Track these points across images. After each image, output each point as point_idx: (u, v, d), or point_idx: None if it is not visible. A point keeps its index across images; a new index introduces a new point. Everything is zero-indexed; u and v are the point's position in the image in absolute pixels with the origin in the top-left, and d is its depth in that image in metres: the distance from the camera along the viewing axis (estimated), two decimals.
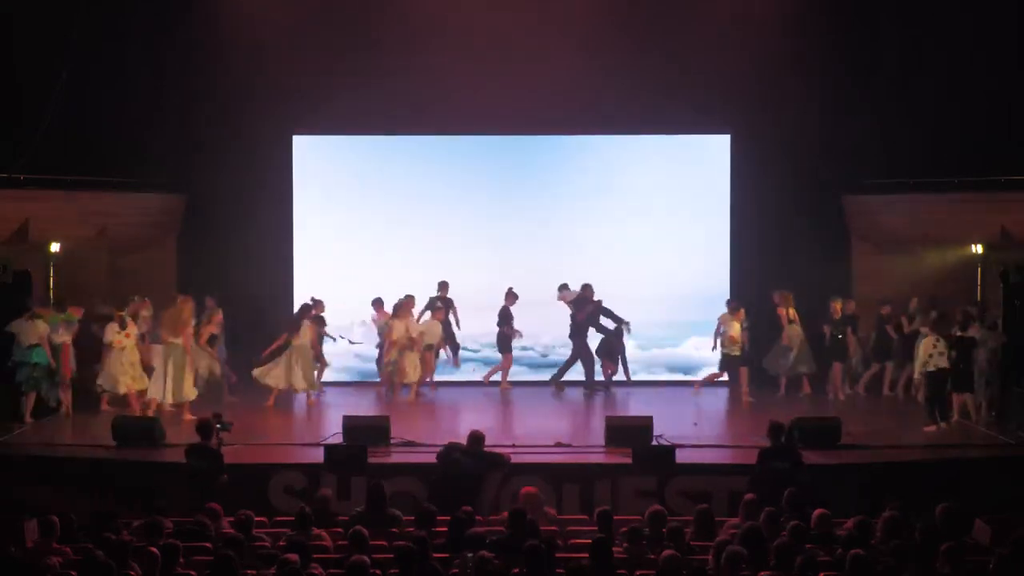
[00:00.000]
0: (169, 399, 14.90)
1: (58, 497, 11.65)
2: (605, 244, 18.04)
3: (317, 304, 16.49)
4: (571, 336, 17.19)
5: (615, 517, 9.80)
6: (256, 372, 15.92)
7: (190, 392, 15.01)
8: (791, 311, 16.62)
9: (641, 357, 17.74)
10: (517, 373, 17.59)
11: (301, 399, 16.36)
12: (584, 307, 16.96)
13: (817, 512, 9.58)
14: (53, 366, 14.90)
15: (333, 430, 13.51)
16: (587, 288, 17.04)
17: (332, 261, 18.21)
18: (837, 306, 16.46)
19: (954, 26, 16.89)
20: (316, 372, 16.42)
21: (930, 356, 14.29)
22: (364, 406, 16.09)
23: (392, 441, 13.16)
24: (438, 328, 16.77)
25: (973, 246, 16.95)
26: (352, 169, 18.46)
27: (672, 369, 17.94)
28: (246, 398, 16.50)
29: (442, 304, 16.93)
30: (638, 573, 8.71)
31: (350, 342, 17.37)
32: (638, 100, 17.67)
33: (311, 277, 18.16)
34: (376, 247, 18.20)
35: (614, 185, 18.16)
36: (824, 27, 17.46)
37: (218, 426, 11.75)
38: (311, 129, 18.26)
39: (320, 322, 16.42)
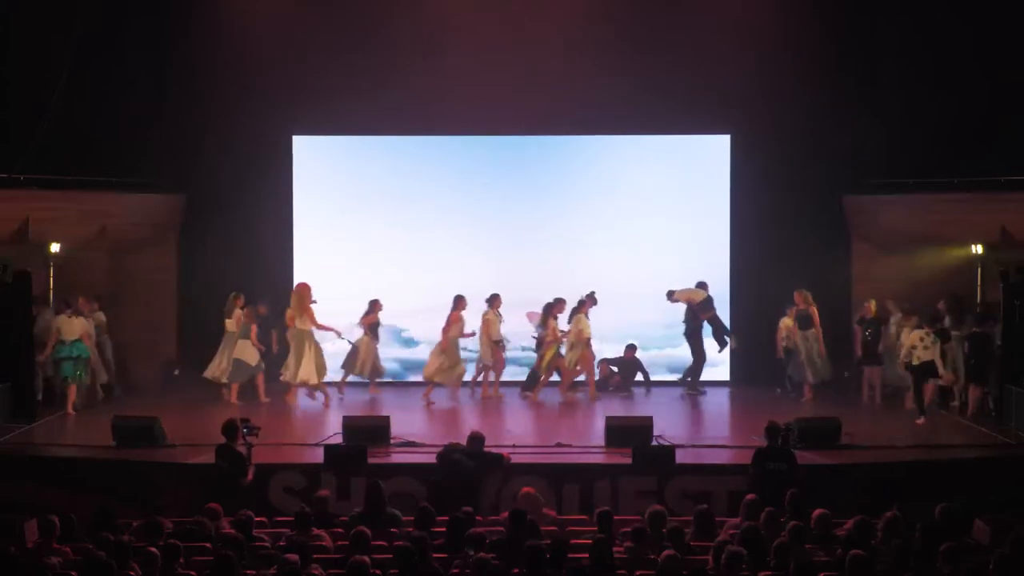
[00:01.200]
0: (295, 380, 15.98)
1: (58, 497, 11.64)
2: (605, 244, 18.04)
3: (260, 302, 16.79)
4: (688, 336, 17.09)
5: (615, 517, 9.81)
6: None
7: (308, 375, 15.93)
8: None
9: (641, 357, 17.73)
10: (517, 373, 17.56)
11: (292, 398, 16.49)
12: (710, 308, 16.92)
13: (817, 512, 9.58)
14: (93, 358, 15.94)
15: (333, 430, 13.50)
16: (705, 287, 17.03)
17: (332, 261, 18.21)
18: (871, 306, 16.27)
19: (954, 26, 16.90)
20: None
21: (913, 348, 14.55)
22: (363, 406, 16.12)
23: (392, 441, 13.17)
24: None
25: (973, 246, 16.94)
26: (352, 169, 18.46)
27: (672, 369, 17.89)
28: (243, 398, 16.55)
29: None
30: (638, 573, 8.72)
31: (349, 342, 17.35)
32: (638, 101, 17.67)
33: (311, 277, 18.14)
34: (376, 247, 18.19)
35: (614, 185, 18.16)
36: (824, 27, 17.48)
37: (244, 429, 11.75)
38: (311, 129, 18.26)
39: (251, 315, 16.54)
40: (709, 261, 17.94)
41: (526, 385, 16.99)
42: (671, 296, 17.15)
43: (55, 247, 16.80)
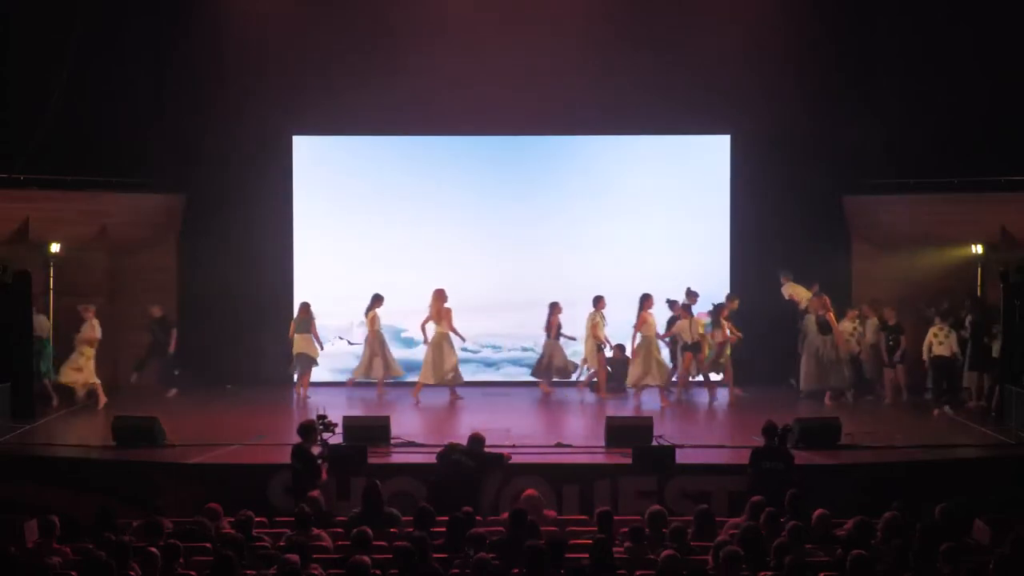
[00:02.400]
0: (431, 380, 16.32)
1: (58, 497, 11.64)
2: (605, 244, 18.03)
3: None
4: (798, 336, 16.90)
5: (615, 517, 9.81)
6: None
7: (429, 376, 16.34)
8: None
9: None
10: (518, 374, 17.56)
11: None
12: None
13: (817, 512, 9.58)
14: None
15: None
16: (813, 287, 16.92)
17: (332, 261, 18.21)
18: (891, 311, 16.25)
19: (954, 26, 16.90)
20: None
21: (930, 345, 15.42)
22: (364, 406, 16.12)
23: (392, 441, 13.17)
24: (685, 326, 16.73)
25: (973, 246, 16.95)
26: (352, 169, 18.46)
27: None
28: (243, 398, 16.56)
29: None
30: (638, 573, 8.72)
31: (349, 343, 17.37)
32: (639, 100, 17.67)
33: (311, 277, 18.19)
34: (376, 247, 18.19)
35: (614, 185, 18.16)
36: (824, 27, 17.47)
37: (321, 427, 11.70)
38: (311, 129, 18.27)
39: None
40: (709, 261, 17.94)
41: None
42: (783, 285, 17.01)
43: (55, 247, 16.81)
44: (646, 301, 16.39)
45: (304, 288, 18.09)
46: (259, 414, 15.60)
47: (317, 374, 17.60)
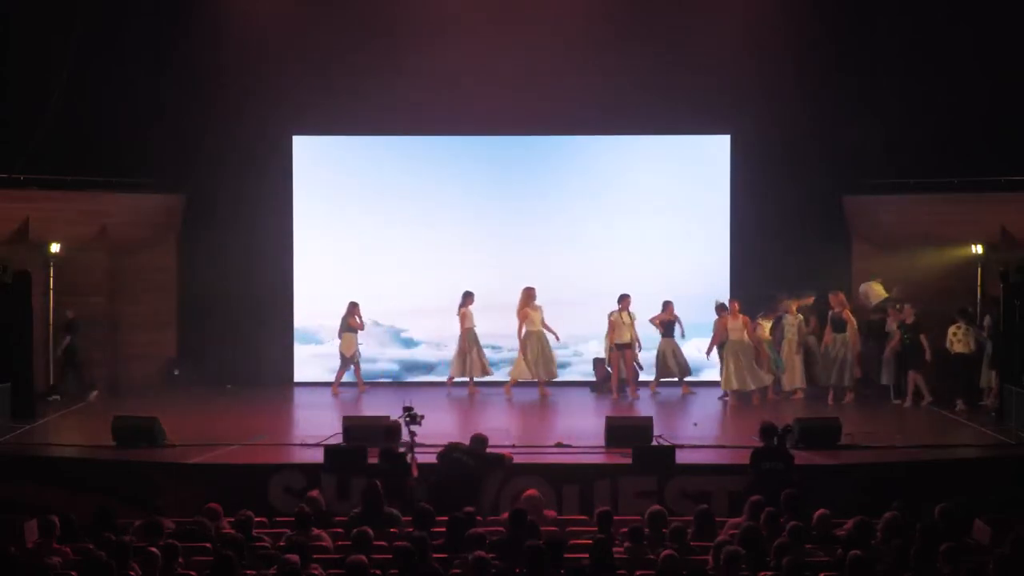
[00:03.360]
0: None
1: (58, 497, 11.64)
2: (605, 244, 18.03)
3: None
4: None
5: (615, 517, 9.80)
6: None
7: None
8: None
9: (640, 357, 17.70)
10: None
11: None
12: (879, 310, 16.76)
13: (817, 512, 9.57)
14: None
15: (333, 430, 13.50)
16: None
17: (332, 261, 18.21)
18: (909, 310, 16.07)
19: (953, 26, 16.89)
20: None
21: (950, 342, 15.65)
22: (363, 406, 16.12)
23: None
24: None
25: (973, 246, 16.94)
26: (352, 169, 18.46)
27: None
28: (243, 398, 16.56)
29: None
30: (638, 573, 8.71)
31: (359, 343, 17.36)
32: (639, 101, 17.68)
33: (311, 277, 18.19)
34: (376, 247, 18.19)
35: (614, 185, 18.16)
36: (824, 27, 17.46)
37: (407, 419, 11.57)
38: (311, 129, 18.27)
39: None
40: (709, 261, 17.95)
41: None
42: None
43: (55, 247, 16.82)
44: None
45: (304, 288, 18.11)
46: (259, 414, 15.61)
47: (317, 374, 17.62)
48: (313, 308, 18.11)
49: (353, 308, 17.09)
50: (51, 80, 16.99)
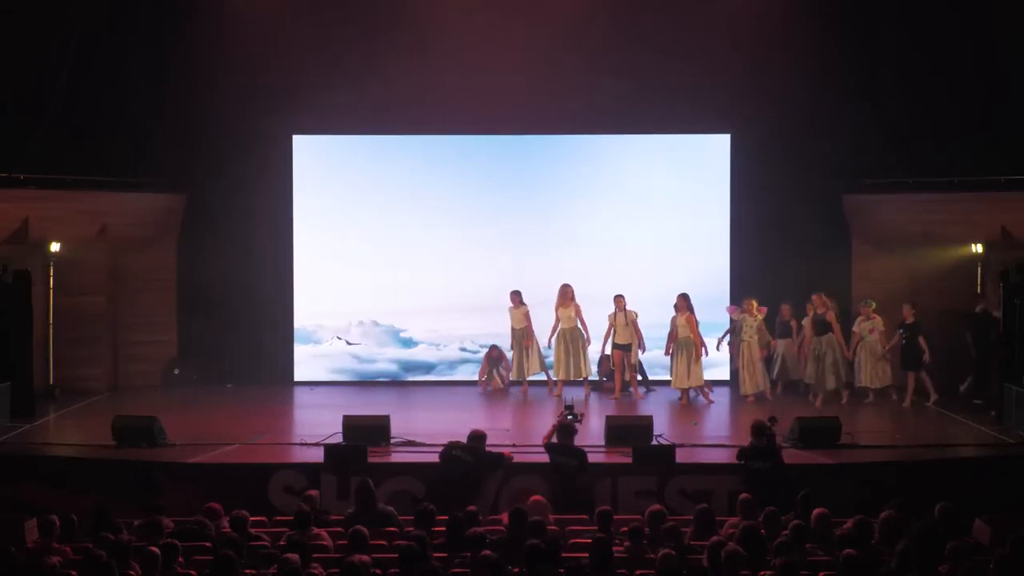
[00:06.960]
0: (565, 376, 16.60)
1: (58, 497, 11.64)
2: (605, 244, 18.03)
3: None
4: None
5: (615, 517, 9.81)
6: None
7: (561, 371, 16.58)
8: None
9: (641, 358, 17.70)
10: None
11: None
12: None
13: (817, 512, 9.58)
14: None
15: (333, 430, 13.51)
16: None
17: (332, 261, 18.22)
18: (909, 310, 16.01)
19: (954, 26, 16.88)
20: None
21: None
22: (363, 406, 16.11)
23: (392, 441, 13.16)
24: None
25: (973, 246, 16.95)
26: (352, 169, 18.46)
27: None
28: (243, 398, 16.55)
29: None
30: (638, 573, 8.71)
31: (347, 343, 17.37)
32: (638, 100, 17.68)
33: (311, 277, 18.19)
34: (376, 247, 18.20)
35: (614, 185, 18.16)
36: (824, 27, 17.47)
37: (570, 416, 12.05)
38: (311, 129, 18.27)
39: None
40: (709, 261, 17.95)
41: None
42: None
43: (55, 247, 16.82)
44: (685, 300, 16.44)
45: (304, 287, 18.11)
46: (259, 414, 15.61)
47: (317, 374, 17.62)
48: (313, 308, 18.12)
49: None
50: (51, 79, 16.97)
